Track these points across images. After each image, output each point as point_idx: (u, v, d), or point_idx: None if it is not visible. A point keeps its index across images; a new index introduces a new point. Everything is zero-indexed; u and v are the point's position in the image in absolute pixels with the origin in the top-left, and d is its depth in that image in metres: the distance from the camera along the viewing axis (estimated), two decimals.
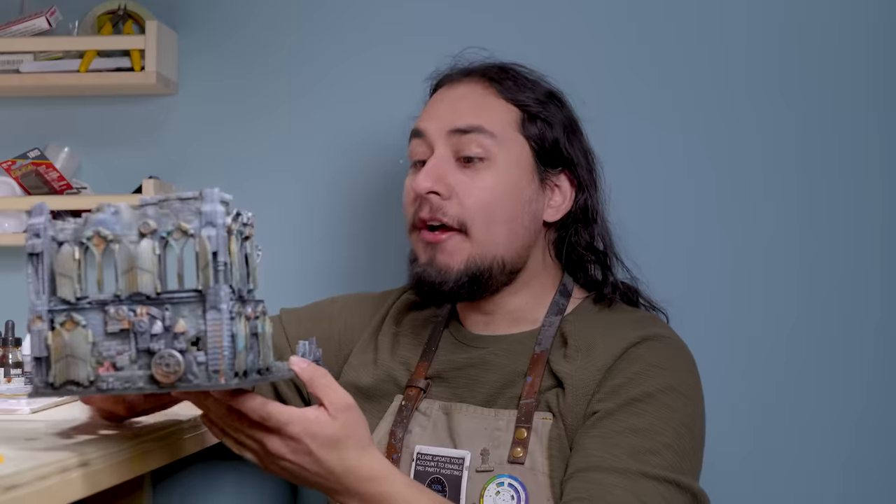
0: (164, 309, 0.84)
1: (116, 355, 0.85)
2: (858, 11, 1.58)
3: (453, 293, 1.22)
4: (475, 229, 1.20)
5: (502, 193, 1.21)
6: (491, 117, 1.23)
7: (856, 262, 1.57)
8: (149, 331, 0.83)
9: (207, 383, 0.83)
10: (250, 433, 0.95)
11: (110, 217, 0.85)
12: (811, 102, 1.58)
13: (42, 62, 1.68)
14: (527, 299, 1.27)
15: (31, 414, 1.16)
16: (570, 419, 1.14)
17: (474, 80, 1.27)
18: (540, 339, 1.22)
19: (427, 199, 1.21)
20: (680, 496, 1.08)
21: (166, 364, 0.83)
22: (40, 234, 0.86)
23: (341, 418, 0.96)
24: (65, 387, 0.86)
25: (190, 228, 0.84)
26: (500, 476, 1.14)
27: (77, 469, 0.87)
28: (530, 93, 1.26)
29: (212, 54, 1.73)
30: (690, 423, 1.13)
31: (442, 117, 1.24)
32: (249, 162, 1.71)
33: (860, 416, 1.55)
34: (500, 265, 1.22)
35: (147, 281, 0.84)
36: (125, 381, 0.84)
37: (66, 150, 1.72)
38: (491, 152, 1.22)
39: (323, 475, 0.98)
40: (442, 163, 1.22)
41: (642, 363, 1.15)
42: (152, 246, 0.84)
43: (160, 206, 0.85)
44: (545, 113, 1.26)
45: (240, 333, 0.85)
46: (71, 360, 0.85)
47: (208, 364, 0.82)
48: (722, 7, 1.61)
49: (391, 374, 1.29)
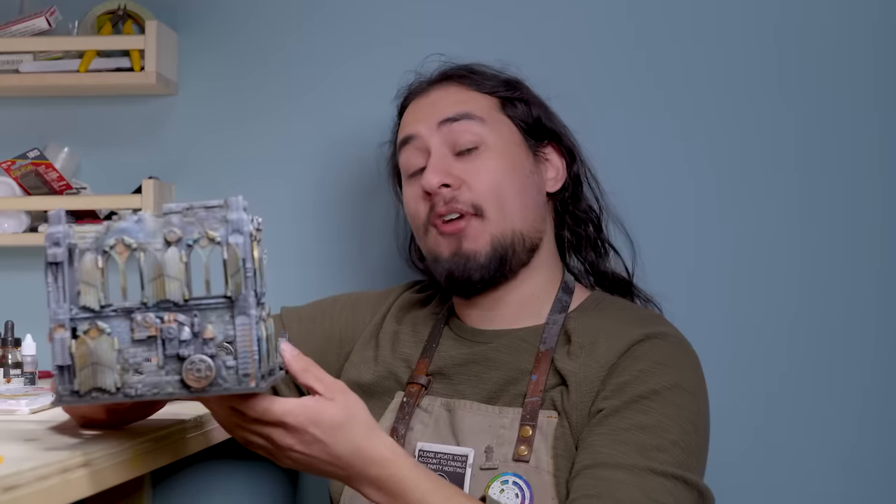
0: (193, 315, 0.85)
1: (143, 362, 0.86)
2: (857, 11, 1.58)
3: (485, 279, 1.24)
4: (490, 209, 1.23)
5: (506, 171, 1.24)
6: (474, 105, 1.27)
7: (856, 261, 1.56)
8: (178, 337, 0.85)
9: (238, 387, 0.85)
10: (257, 430, 0.95)
11: (133, 225, 0.86)
12: (810, 101, 1.58)
13: (42, 62, 1.67)
14: (536, 290, 1.27)
15: (31, 414, 1.16)
16: (575, 417, 1.14)
17: (443, 84, 1.31)
18: (545, 338, 1.22)
19: (439, 194, 1.24)
20: (687, 493, 1.08)
21: (198, 369, 0.85)
22: (60, 242, 0.86)
23: (340, 400, 0.96)
24: (90, 394, 0.86)
25: (217, 236, 0.85)
26: (504, 474, 1.14)
27: (77, 469, 0.87)
28: (498, 82, 1.31)
29: (212, 54, 1.73)
30: (696, 421, 1.13)
31: (428, 116, 1.28)
32: (249, 162, 1.71)
33: (861, 413, 1.55)
34: (520, 239, 1.24)
35: (175, 288, 0.85)
36: (153, 387, 0.86)
37: (66, 151, 1.71)
38: (483, 138, 1.25)
39: (333, 462, 0.97)
40: (443, 157, 1.25)
41: (647, 360, 1.15)
42: (179, 254, 0.85)
43: (184, 215, 0.86)
44: (519, 94, 1.31)
45: (263, 337, 0.87)
46: (97, 367, 0.85)
47: (238, 368, 0.85)
48: (721, 7, 1.61)
49: (392, 370, 1.29)
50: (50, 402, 1.04)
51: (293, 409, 0.93)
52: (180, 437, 1.09)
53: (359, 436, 0.97)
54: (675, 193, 1.60)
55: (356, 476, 0.98)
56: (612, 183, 1.39)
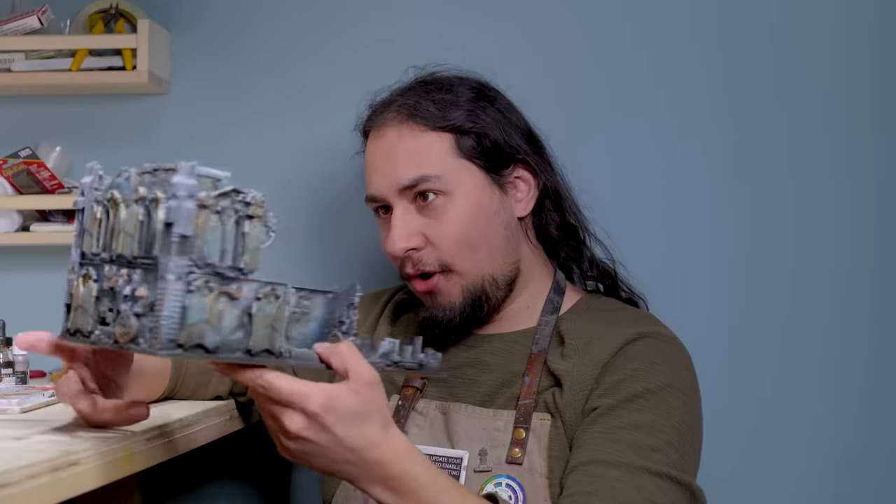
0: (135, 273, 0.87)
1: (107, 311, 0.88)
2: (853, 11, 1.58)
3: (462, 324, 1.24)
4: (457, 264, 1.22)
5: (470, 219, 1.22)
6: (429, 159, 1.22)
7: (850, 262, 1.57)
8: (122, 291, 0.86)
9: (148, 349, 0.85)
10: (269, 409, 0.90)
11: (123, 181, 0.90)
12: (805, 101, 1.58)
13: (33, 61, 1.67)
14: (525, 303, 1.28)
15: (22, 413, 1.16)
16: (569, 416, 1.14)
17: (396, 120, 1.25)
18: (537, 339, 1.22)
19: (407, 258, 1.23)
20: (680, 493, 1.08)
21: (122, 324, 0.86)
22: (84, 192, 0.92)
23: (364, 393, 0.90)
24: (76, 335, 0.91)
25: (162, 198, 0.85)
26: (497, 476, 1.14)
27: (68, 468, 0.87)
28: (453, 108, 1.24)
29: (204, 53, 1.72)
30: (689, 421, 1.14)
31: (385, 174, 1.24)
32: (242, 161, 1.71)
33: (854, 412, 1.55)
34: (492, 283, 1.23)
35: (129, 244, 0.87)
36: (107, 336, 0.88)
37: (58, 150, 1.71)
38: (444, 188, 1.22)
39: (343, 454, 0.91)
40: (405, 218, 1.23)
41: (641, 360, 1.15)
42: (137, 212, 0.87)
43: (153, 175, 0.88)
44: (475, 121, 1.24)
45: (197, 306, 0.85)
46: (81, 310, 0.90)
47: (152, 330, 0.84)
48: (717, 8, 1.61)
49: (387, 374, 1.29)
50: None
51: (306, 390, 0.88)
52: (170, 438, 1.09)
53: (373, 430, 0.92)
54: (669, 193, 1.60)
55: (365, 473, 0.93)
56: (607, 182, 1.39)
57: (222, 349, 0.87)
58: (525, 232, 1.29)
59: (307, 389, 0.88)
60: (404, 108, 1.25)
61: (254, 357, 0.90)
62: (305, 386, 0.88)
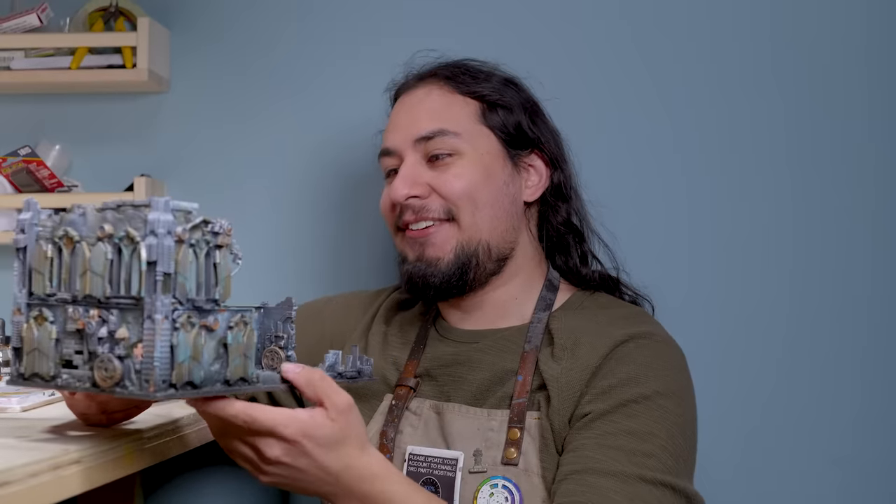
0: (111, 314, 0.85)
1: (74, 354, 0.87)
2: (851, 10, 1.58)
3: (443, 286, 1.23)
4: (462, 214, 1.23)
5: (477, 179, 1.24)
6: (451, 116, 1.26)
7: (848, 261, 1.56)
8: (96, 334, 0.85)
9: (139, 392, 0.83)
10: (245, 438, 0.93)
11: (78, 218, 0.87)
12: (802, 100, 1.58)
13: (33, 59, 1.67)
14: (513, 292, 1.27)
15: (22, 412, 1.16)
16: (556, 423, 1.14)
17: (430, 82, 1.30)
18: (529, 337, 1.22)
19: (407, 205, 1.24)
20: (676, 500, 1.07)
21: (105, 368, 0.84)
22: (25, 229, 0.89)
23: (341, 421, 0.94)
24: (32, 379, 0.88)
25: (137, 236, 0.84)
26: (493, 478, 1.14)
27: (69, 466, 0.87)
28: (486, 83, 1.29)
29: (204, 52, 1.72)
30: (684, 424, 1.13)
31: (404, 128, 1.27)
32: (241, 159, 1.71)
33: (854, 411, 1.55)
34: (485, 250, 1.24)
35: (98, 284, 0.85)
36: (78, 380, 0.86)
37: (58, 148, 1.71)
38: (458, 148, 1.24)
39: (321, 476, 0.95)
40: (414, 167, 1.25)
41: (633, 364, 1.14)
42: (105, 250, 0.85)
43: (117, 211, 0.86)
44: (504, 99, 1.29)
45: (183, 344, 0.85)
46: (38, 353, 0.87)
47: (142, 373, 0.83)
48: (715, 7, 1.61)
49: (381, 372, 1.28)
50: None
51: (285, 420, 0.91)
52: (171, 436, 1.09)
53: (350, 453, 0.95)
54: (668, 191, 1.60)
55: (344, 492, 0.97)
56: (606, 181, 1.39)
57: (205, 383, 0.88)
58: (527, 220, 1.30)
59: (285, 419, 0.91)
60: (439, 73, 1.30)
61: (231, 387, 0.90)
62: (282, 415, 0.91)
